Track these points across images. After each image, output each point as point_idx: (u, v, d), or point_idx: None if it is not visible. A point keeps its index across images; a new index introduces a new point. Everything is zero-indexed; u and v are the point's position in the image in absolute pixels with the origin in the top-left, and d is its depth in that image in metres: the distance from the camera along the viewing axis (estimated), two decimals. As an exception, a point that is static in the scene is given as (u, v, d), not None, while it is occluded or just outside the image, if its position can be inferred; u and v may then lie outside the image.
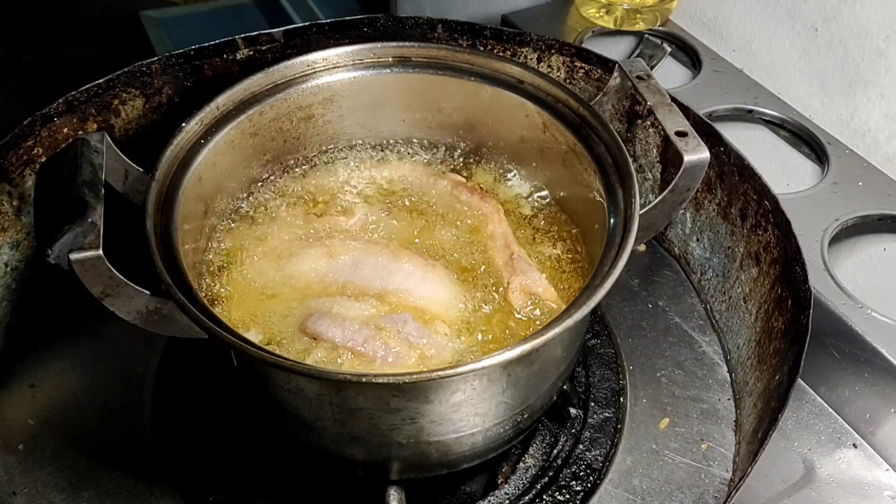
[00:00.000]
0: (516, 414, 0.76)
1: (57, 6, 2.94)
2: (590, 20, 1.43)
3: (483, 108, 0.95)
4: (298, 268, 0.86)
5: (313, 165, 0.99)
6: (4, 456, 0.89)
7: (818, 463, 0.92)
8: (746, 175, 0.95)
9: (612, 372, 0.98)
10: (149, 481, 0.87)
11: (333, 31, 1.09)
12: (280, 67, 0.91)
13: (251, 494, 0.86)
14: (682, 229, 1.11)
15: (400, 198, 0.97)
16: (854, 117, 1.15)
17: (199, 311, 0.67)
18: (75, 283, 0.66)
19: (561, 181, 0.93)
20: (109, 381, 0.97)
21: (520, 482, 0.87)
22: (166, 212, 0.77)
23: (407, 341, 0.78)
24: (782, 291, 0.89)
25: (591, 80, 1.09)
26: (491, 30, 1.11)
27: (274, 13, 2.81)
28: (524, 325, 0.82)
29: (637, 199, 0.76)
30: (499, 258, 0.88)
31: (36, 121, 0.94)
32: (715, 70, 1.29)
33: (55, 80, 2.53)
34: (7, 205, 0.94)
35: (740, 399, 0.96)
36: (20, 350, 0.99)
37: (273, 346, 0.79)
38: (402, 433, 0.71)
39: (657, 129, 1.06)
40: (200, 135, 0.85)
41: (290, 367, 0.64)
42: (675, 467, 0.90)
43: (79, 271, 0.65)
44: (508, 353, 0.64)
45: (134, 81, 1.02)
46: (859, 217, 1.05)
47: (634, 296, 1.09)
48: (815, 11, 1.16)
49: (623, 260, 0.71)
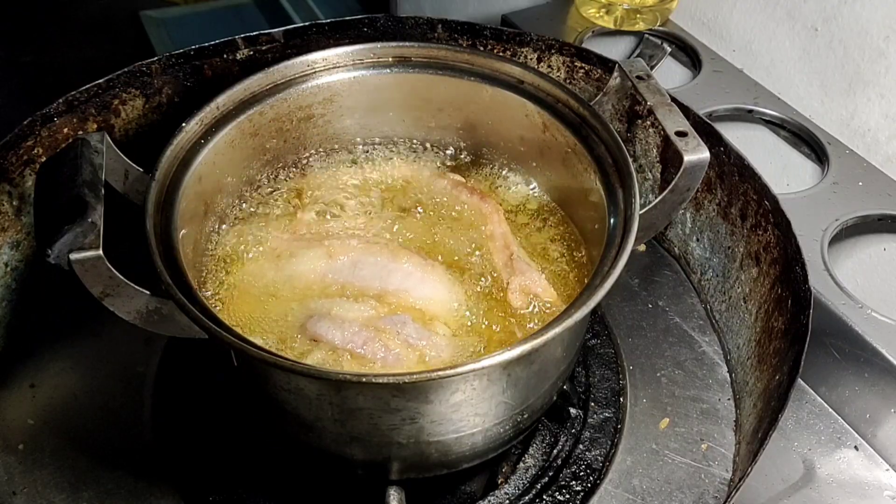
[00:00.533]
0: (516, 414, 0.76)
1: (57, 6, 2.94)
2: (590, 20, 1.43)
3: (483, 108, 0.95)
4: (298, 268, 0.86)
5: (313, 165, 0.99)
6: (4, 456, 0.89)
7: (818, 463, 0.92)
8: (746, 175, 0.95)
9: (612, 372, 0.98)
10: (149, 481, 0.87)
11: (333, 31, 1.09)
12: (280, 67, 0.91)
13: (251, 494, 0.86)
14: (682, 229, 1.11)
15: (400, 198, 0.97)
16: (854, 117, 1.15)
17: (199, 311, 0.67)
18: (75, 283, 0.66)
19: (561, 181, 0.93)
20: (109, 381, 0.97)
21: (520, 482, 0.87)
22: (166, 212, 0.77)
23: (406, 342, 0.78)
24: (782, 291, 0.89)
25: (591, 80, 1.09)
26: (491, 30, 1.11)
27: (274, 13, 2.81)
28: (524, 326, 0.82)
29: (637, 199, 0.76)
30: (498, 258, 0.88)
31: (36, 121, 0.94)
32: (715, 70, 1.29)
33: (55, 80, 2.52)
34: (7, 205, 0.94)
35: (740, 399, 0.96)
36: (20, 350, 0.99)
37: (273, 347, 0.79)
38: (402, 433, 0.71)
39: (657, 129, 1.06)
40: (200, 135, 0.85)
41: (290, 367, 0.64)
42: (675, 467, 0.90)
43: (79, 271, 0.65)
44: (508, 353, 0.64)
45: (134, 81, 1.02)
46: (859, 217, 1.05)
47: (634, 296, 1.09)
48: (815, 11, 1.16)
49: (623, 260, 0.71)
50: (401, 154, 1.02)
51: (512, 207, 0.96)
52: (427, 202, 0.96)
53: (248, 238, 0.90)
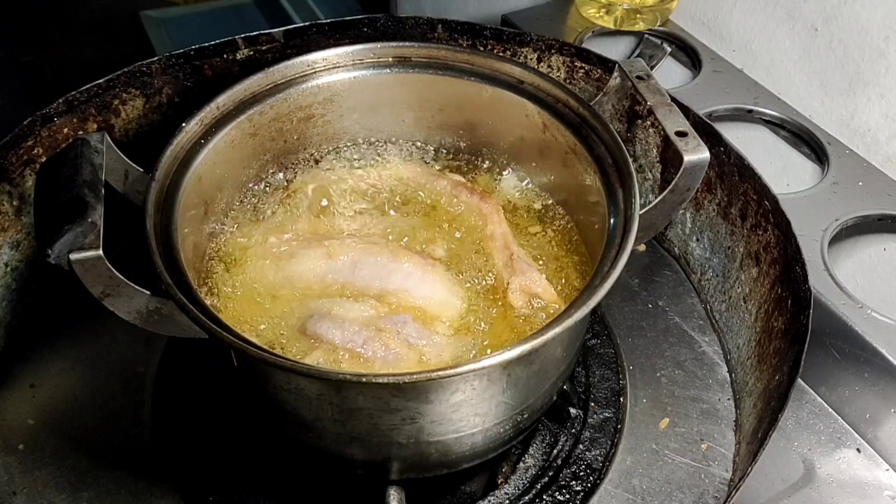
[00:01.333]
0: (516, 414, 0.76)
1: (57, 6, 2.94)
2: (590, 20, 1.43)
3: (483, 108, 0.95)
4: (298, 268, 0.86)
5: (313, 165, 0.99)
6: (4, 456, 0.89)
7: (818, 463, 0.92)
8: (746, 175, 0.95)
9: (612, 372, 0.98)
10: (149, 481, 0.87)
11: (333, 31, 1.09)
12: (280, 67, 0.91)
13: (251, 494, 0.86)
14: (682, 229, 1.11)
15: (400, 198, 0.97)
16: (854, 117, 1.15)
17: (199, 311, 0.67)
18: (75, 283, 0.66)
19: (561, 181, 0.93)
20: (109, 381, 0.97)
21: (520, 482, 0.87)
22: (166, 212, 0.77)
23: (406, 342, 0.78)
24: (782, 291, 0.89)
25: (591, 80, 1.09)
26: (491, 30, 1.11)
27: (274, 13, 2.81)
28: (524, 326, 0.82)
29: (637, 199, 0.76)
30: (498, 258, 0.88)
31: (36, 121, 0.94)
32: (715, 70, 1.29)
33: (55, 80, 2.53)
34: (7, 205, 0.94)
35: (740, 399, 0.96)
36: (20, 350, 0.99)
37: (273, 347, 0.79)
38: (402, 433, 0.71)
39: (657, 129, 1.06)
40: (200, 135, 0.85)
41: (291, 367, 0.64)
42: (675, 467, 0.90)
43: (79, 271, 0.65)
44: (508, 353, 0.64)
45: (134, 81, 1.02)
46: (859, 217, 1.05)
47: (634, 296, 1.09)
48: (815, 11, 1.16)
49: (623, 260, 0.71)
50: (401, 154, 1.02)
51: (512, 207, 0.96)
52: (427, 202, 0.96)
53: (248, 238, 0.90)
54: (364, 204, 0.96)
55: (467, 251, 0.90)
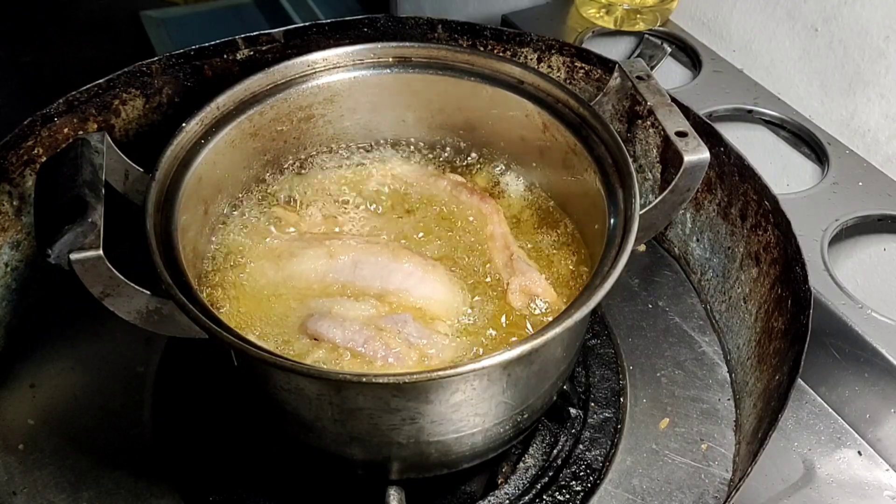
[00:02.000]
0: (516, 414, 0.76)
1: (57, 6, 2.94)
2: (590, 20, 1.43)
3: (483, 108, 0.95)
4: (298, 268, 0.86)
5: (313, 165, 0.99)
6: (4, 456, 0.89)
7: (818, 463, 0.92)
8: (746, 175, 0.95)
9: (612, 372, 0.98)
10: (149, 481, 0.87)
11: (333, 31, 1.09)
12: (280, 67, 0.91)
13: (251, 494, 0.86)
14: (682, 229, 1.11)
15: (400, 198, 0.97)
16: (854, 117, 1.15)
17: (199, 311, 0.67)
18: (75, 283, 0.66)
19: (561, 181, 0.93)
20: (109, 381, 0.97)
21: (520, 482, 0.87)
22: (166, 212, 0.77)
23: (407, 342, 0.78)
24: (782, 291, 0.89)
25: (591, 80, 1.09)
26: (491, 30, 1.11)
27: (274, 13, 2.81)
28: (524, 326, 0.82)
29: (637, 199, 0.76)
30: (498, 258, 0.88)
31: (36, 121, 0.94)
32: (715, 70, 1.29)
33: (55, 80, 2.52)
34: (7, 205, 0.94)
35: (740, 399, 0.96)
36: (20, 350, 0.99)
37: (273, 347, 0.79)
38: (402, 433, 0.71)
39: (657, 129, 1.06)
40: (200, 135, 0.85)
41: (291, 367, 0.64)
42: (675, 467, 0.90)
43: (79, 271, 0.65)
44: (508, 353, 0.64)
45: (134, 81, 1.02)
46: (859, 217, 1.05)
47: (634, 296, 1.09)
48: (815, 11, 1.16)
49: (623, 260, 0.71)
50: (401, 154, 1.02)
51: (512, 207, 0.96)
52: (427, 202, 0.96)
53: (248, 238, 0.90)
54: (365, 204, 0.96)
55: (467, 251, 0.90)
